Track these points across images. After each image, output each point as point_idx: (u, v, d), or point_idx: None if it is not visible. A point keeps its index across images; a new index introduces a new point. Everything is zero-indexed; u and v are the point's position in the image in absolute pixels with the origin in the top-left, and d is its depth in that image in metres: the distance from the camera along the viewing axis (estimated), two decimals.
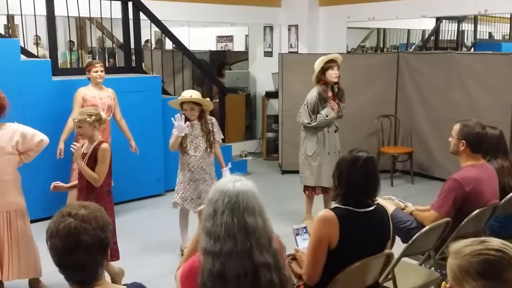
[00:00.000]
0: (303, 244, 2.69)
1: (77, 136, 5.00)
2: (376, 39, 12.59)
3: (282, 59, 7.25)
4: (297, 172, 7.00)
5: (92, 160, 3.66)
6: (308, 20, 8.03)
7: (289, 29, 8.25)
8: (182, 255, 4.47)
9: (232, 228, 1.82)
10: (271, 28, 8.55)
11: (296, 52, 8.03)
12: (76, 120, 3.69)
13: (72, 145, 3.76)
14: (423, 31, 12.40)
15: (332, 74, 4.93)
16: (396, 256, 2.83)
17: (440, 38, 10.94)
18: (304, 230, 2.76)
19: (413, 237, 3.01)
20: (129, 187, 5.72)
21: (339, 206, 2.51)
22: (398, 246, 3.12)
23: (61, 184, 3.89)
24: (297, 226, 2.79)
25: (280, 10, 8.33)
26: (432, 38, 10.74)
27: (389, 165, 6.85)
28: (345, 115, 5.31)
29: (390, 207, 3.24)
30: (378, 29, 12.28)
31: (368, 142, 6.84)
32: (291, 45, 8.23)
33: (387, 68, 7.13)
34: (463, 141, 3.31)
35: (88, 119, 3.65)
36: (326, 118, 4.97)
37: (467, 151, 3.32)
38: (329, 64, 4.93)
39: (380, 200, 2.71)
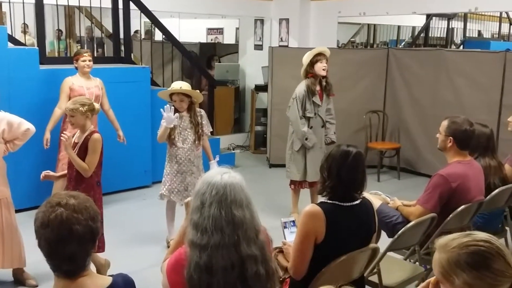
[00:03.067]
0: (291, 237, 2.69)
1: (64, 125, 5.00)
2: (367, 34, 12.61)
3: (272, 53, 7.24)
4: (284, 166, 7.02)
5: (83, 150, 3.63)
6: (299, 14, 8.02)
7: (280, 23, 8.23)
8: (169, 247, 4.47)
9: (220, 220, 1.82)
10: (262, 21, 8.53)
11: (287, 46, 8.02)
12: (68, 109, 3.65)
13: (62, 134, 3.73)
14: (413, 28, 12.44)
15: (321, 67, 4.92)
16: (381, 250, 2.85)
17: (430, 35, 10.99)
18: (292, 224, 2.77)
19: (399, 232, 3.03)
20: (115, 178, 5.68)
21: (326, 201, 2.52)
22: (383, 241, 3.14)
23: (52, 173, 3.86)
24: (285, 219, 2.80)
25: (271, 4, 8.31)
26: (422, 35, 10.79)
27: (376, 161, 6.88)
28: (335, 110, 5.32)
29: (376, 202, 3.26)
30: (368, 24, 12.30)
31: (356, 137, 6.87)
32: (281, 39, 8.21)
33: (376, 63, 7.15)
34: (451, 137, 3.33)
35: (81, 108, 3.61)
36: (305, 140, 4.98)
37: (454, 147, 3.34)
38: (317, 57, 4.93)
39: (366, 194, 2.73)
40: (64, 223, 1.64)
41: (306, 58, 4.97)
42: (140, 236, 4.84)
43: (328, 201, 2.51)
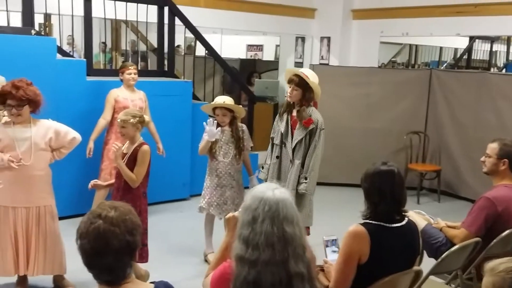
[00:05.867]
0: (332, 256, 2.66)
1: (108, 136, 5.10)
2: (408, 55, 12.49)
3: (313, 71, 7.21)
4: (322, 184, 6.96)
5: (132, 161, 3.70)
6: (341, 33, 8.02)
7: (321, 41, 8.24)
8: (206, 260, 4.48)
9: (272, 237, 1.80)
10: (303, 39, 8.56)
11: (327, 64, 8.01)
12: (120, 120, 3.75)
13: (113, 144, 3.82)
14: (455, 50, 12.26)
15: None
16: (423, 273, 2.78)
17: (473, 57, 10.80)
18: (334, 242, 2.74)
19: (443, 255, 2.96)
20: (154, 189, 5.72)
21: (370, 221, 2.47)
22: (425, 263, 3.06)
23: (100, 182, 3.96)
24: (327, 237, 2.77)
25: (313, 22, 8.34)
26: (464, 57, 10.61)
27: (416, 182, 6.75)
28: (374, 129, 5.22)
29: (420, 222, 3.20)
30: (410, 45, 12.18)
31: (396, 157, 6.77)
32: (322, 57, 8.22)
33: (418, 84, 7.06)
34: (505, 160, 3.25)
35: (131, 120, 3.71)
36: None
37: (507, 170, 3.26)
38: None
39: (411, 213, 2.67)
40: (100, 236, 1.66)
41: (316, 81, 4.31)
42: (177, 248, 4.87)
43: (373, 221, 2.46)
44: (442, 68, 10.64)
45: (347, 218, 5.03)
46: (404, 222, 2.51)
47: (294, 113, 4.20)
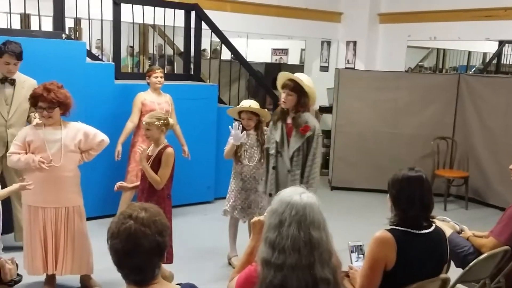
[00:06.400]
0: (358, 262, 2.64)
1: (135, 138, 5.17)
2: (435, 59, 12.33)
3: (339, 75, 7.22)
4: (347, 189, 6.92)
5: (156, 163, 3.75)
6: (367, 37, 7.98)
7: (347, 45, 8.21)
8: (230, 263, 4.50)
9: (298, 241, 1.80)
10: (328, 42, 8.54)
11: (353, 68, 7.97)
12: (145, 122, 3.80)
13: (138, 146, 3.87)
14: (484, 54, 12.05)
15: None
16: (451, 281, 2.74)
17: (502, 62, 10.60)
18: (360, 248, 2.72)
19: (470, 264, 2.91)
20: (178, 192, 5.76)
21: (397, 227, 2.45)
22: (452, 271, 3.02)
23: (125, 184, 4.02)
24: (352, 243, 2.75)
25: (339, 26, 8.32)
26: (493, 61, 10.43)
27: (443, 189, 6.66)
28: (401, 134, 5.18)
29: (447, 230, 3.15)
30: (438, 49, 12.03)
31: (422, 163, 6.67)
32: (348, 61, 8.19)
33: (446, 89, 6.97)
34: None
35: (157, 122, 3.76)
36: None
37: None
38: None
39: (437, 222, 2.64)
40: (131, 236, 1.68)
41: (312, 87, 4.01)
42: (201, 251, 4.89)
43: (400, 228, 2.44)
44: (470, 72, 10.48)
45: (372, 224, 5.00)
46: (431, 229, 2.48)
47: (289, 120, 3.94)
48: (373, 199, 6.63)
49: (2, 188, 3.52)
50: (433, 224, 2.52)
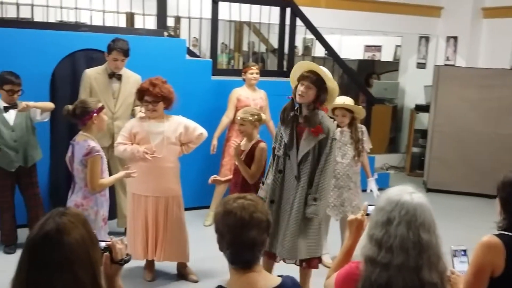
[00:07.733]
0: (460, 266, 2.52)
1: (230, 133, 5.29)
2: None
3: (438, 72, 6.93)
4: (444, 192, 6.63)
5: (249, 157, 3.82)
6: (469, 32, 7.59)
7: (447, 41, 7.86)
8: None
9: (407, 241, 1.75)
10: (427, 38, 8.22)
11: (453, 65, 7.62)
12: (239, 117, 3.90)
13: (232, 141, 3.97)
14: None
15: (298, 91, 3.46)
16: None
17: None
18: (462, 253, 2.59)
19: None
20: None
21: (506, 233, 2.31)
22: None
23: (219, 177, 4.13)
24: (455, 247, 2.63)
25: (439, 21, 7.97)
26: None
27: None
28: (504, 135, 4.88)
29: None
30: None
31: None
32: (447, 57, 7.83)
33: None
34: None
35: (250, 117, 3.84)
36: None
37: None
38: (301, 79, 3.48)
39: None
40: (246, 209, 1.78)
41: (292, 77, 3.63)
42: None
43: (509, 233, 2.30)
44: None
45: (471, 229, 4.78)
46: None
47: (301, 120, 3.44)
48: (472, 203, 6.31)
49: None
50: None
